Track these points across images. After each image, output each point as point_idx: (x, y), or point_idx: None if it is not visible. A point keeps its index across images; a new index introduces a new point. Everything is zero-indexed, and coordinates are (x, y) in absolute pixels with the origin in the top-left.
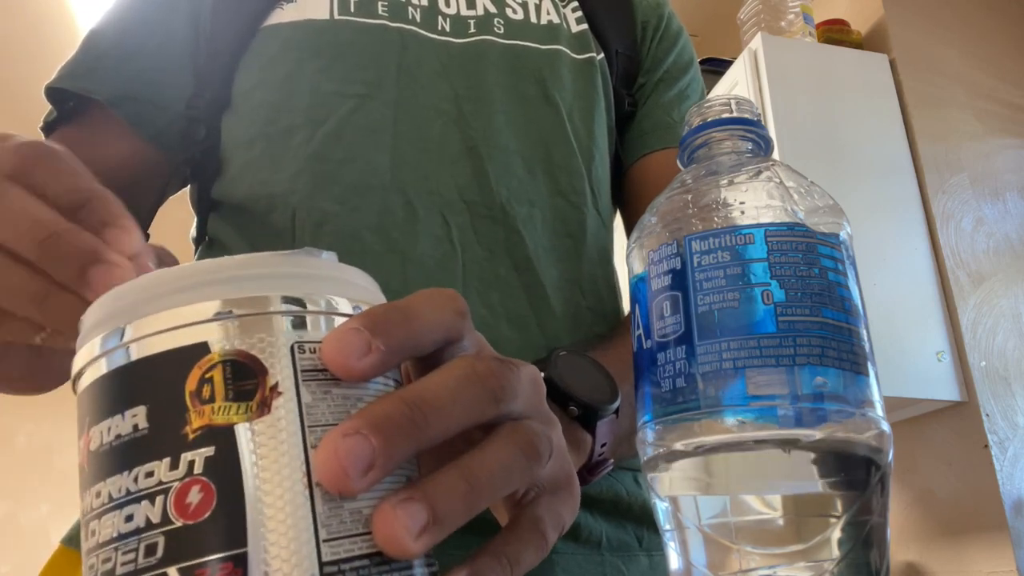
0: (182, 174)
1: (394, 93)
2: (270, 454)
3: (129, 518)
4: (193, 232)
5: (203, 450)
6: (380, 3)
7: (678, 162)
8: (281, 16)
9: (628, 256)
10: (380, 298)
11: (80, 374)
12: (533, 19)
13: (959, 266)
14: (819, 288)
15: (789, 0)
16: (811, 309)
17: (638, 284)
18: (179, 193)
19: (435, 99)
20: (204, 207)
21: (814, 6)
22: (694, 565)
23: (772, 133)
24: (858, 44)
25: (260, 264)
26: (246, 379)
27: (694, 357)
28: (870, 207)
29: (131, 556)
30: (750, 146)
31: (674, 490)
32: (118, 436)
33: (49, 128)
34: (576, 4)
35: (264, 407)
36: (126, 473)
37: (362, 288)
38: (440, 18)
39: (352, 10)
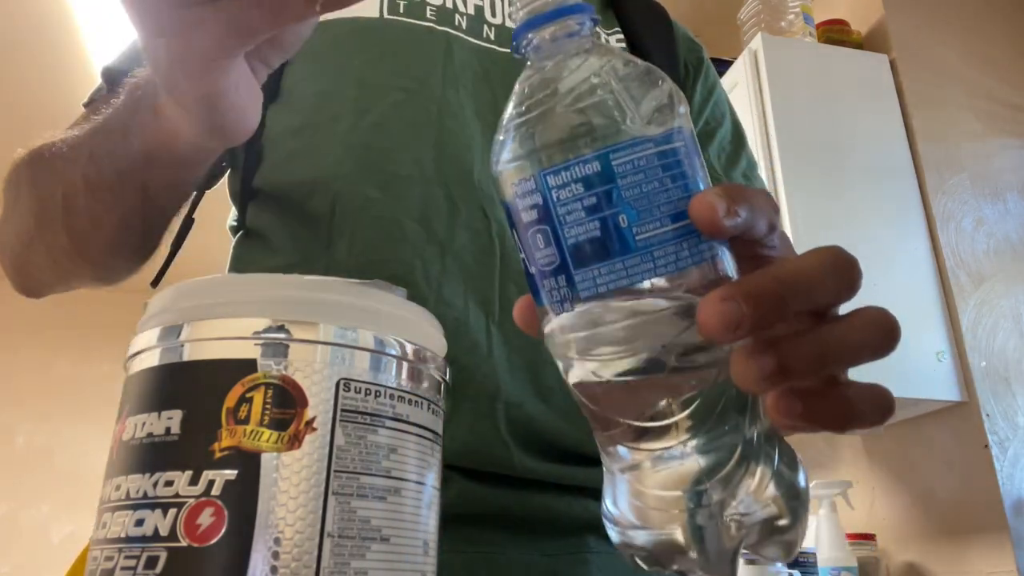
0: (220, 164)
1: (439, 91)
2: (290, 490)
3: (139, 523)
4: (232, 221)
5: (226, 472)
6: (428, 7)
7: (515, 56)
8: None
9: (493, 174)
10: (443, 345)
11: (134, 356)
12: None
13: (959, 266)
14: (666, 198)
15: (789, 0)
16: (661, 221)
17: (508, 209)
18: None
19: (477, 102)
20: (245, 197)
21: (814, 6)
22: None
23: (772, 133)
24: (858, 44)
25: (327, 289)
26: (284, 407)
27: (574, 286)
28: (870, 207)
29: (131, 563)
30: (574, 34)
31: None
32: (150, 435)
33: (94, 102)
34: (621, 36)
35: (296, 441)
36: (147, 475)
37: (424, 333)
38: (486, 27)
39: (401, 11)
